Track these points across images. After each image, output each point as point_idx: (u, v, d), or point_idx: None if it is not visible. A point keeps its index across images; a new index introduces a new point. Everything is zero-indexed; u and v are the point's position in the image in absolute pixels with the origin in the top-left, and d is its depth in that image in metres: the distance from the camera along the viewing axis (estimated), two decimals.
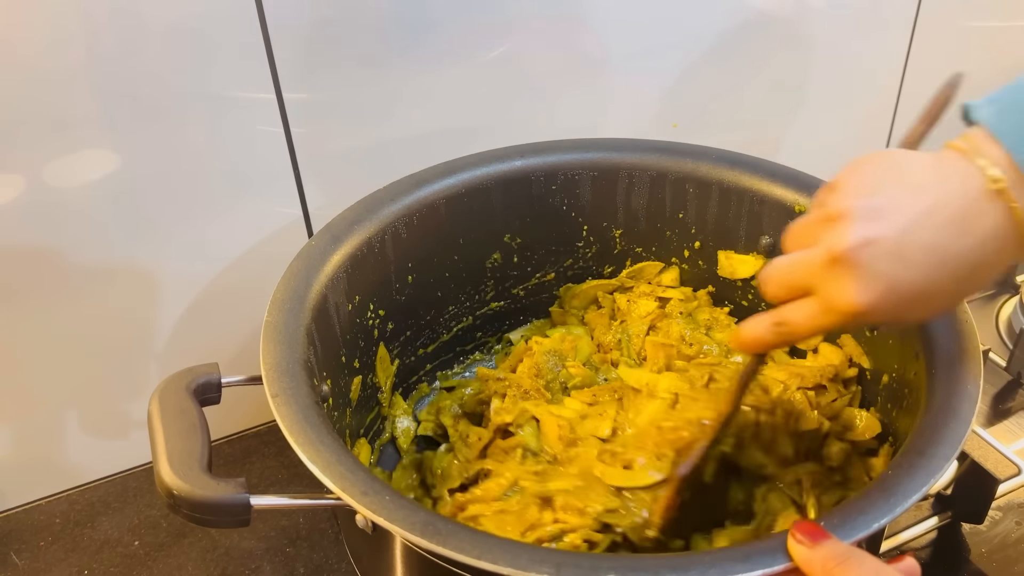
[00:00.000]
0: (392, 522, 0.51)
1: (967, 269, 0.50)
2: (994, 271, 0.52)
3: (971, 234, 0.50)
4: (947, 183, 0.50)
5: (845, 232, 0.49)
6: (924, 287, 0.50)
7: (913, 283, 0.50)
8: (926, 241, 0.49)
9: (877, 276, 0.49)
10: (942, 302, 0.52)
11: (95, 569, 0.82)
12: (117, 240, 0.81)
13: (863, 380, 0.78)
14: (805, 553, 0.48)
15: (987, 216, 0.49)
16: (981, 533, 0.81)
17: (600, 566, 0.48)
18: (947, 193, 0.50)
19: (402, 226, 0.79)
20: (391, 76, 0.85)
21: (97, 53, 0.72)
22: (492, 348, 0.94)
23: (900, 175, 0.51)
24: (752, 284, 0.86)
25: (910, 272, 0.49)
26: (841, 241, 0.49)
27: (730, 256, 0.86)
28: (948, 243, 0.49)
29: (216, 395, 0.65)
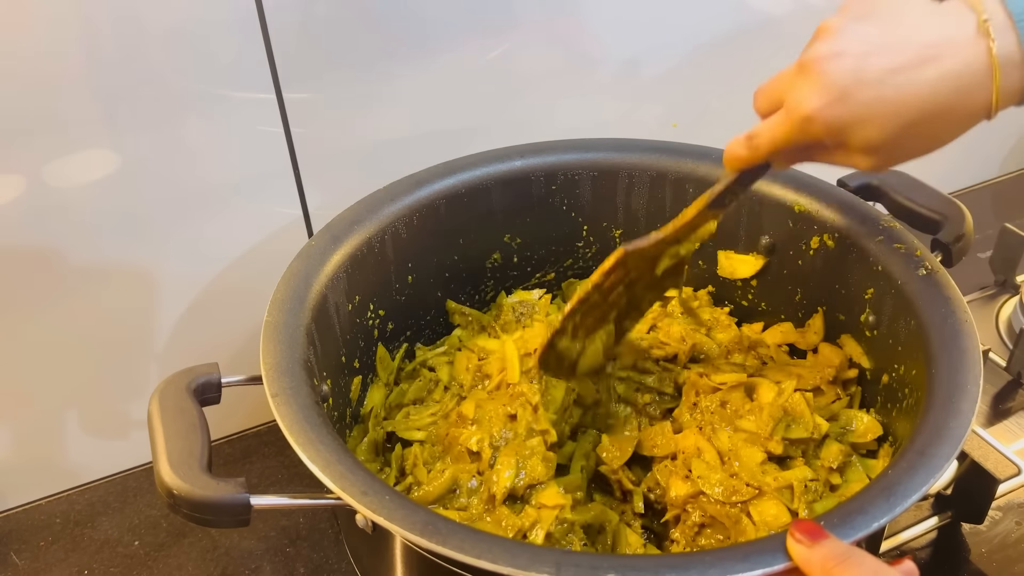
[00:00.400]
0: (392, 522, 0.51)
1: (923, 101, 0.51)
2: (955, 117, 0.53)
3: (936, 66, 0.51)
4: (932, 16, 0.52)
5: (818, 45, 0.53)
6: (875, 107, 0.52)
7: (866, 98, 0.51)
8: (888, 63, 0.51)
9: (832, 84, 0.52)
10: (892, 134, 0.53)
11: (95, 569, 0.82)
12: (117, 240, 0.81)
13: (863, 381, 0.78)
14: (804, 552, 0.48)
15: (959, 52, 0.51)
16: (981, 533, 0.81)
17: (600, 565, 0.48)
18: (928, 22, 0.51)
19: (402, 226, 0.79)
20: (391, 76, 0.85)
21: (97, 54, 0.72)
22: None
23: (893, 9, 0.53)
24: (752, 284, 0.86)
25: (865, 88, 0.51)
26: (811, 51, 0.53)
27: (730, 256, 0.86)
28: (910, 70, 0.51)
29: (216, 395, 0.65)
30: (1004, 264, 1.10)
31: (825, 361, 0.79)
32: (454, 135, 0.91)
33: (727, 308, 0.88)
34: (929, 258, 0.71)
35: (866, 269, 0.74)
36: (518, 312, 0.87)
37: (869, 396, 0.77)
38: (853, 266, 0.76)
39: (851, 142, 0.54)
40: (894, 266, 0.72)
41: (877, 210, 0.77)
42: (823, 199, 0.78)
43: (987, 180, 1.36)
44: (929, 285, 0.69)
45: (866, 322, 0.75)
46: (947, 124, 0.53)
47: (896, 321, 0.71)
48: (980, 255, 1.13)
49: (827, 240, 0.77)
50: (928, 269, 0.69)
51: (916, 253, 0.71)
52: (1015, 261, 1.09)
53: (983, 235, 1.13)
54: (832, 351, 0.79)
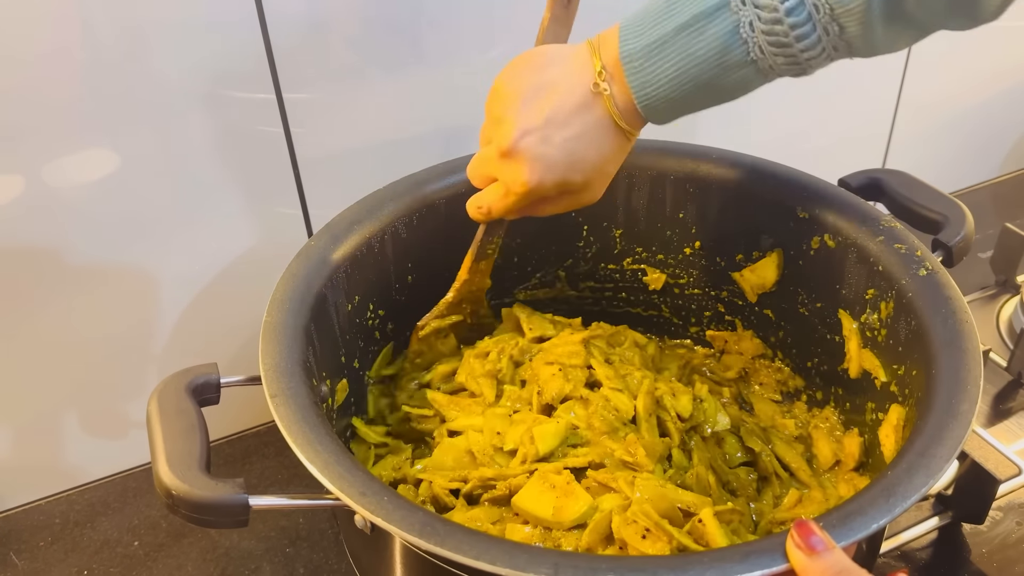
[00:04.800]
0: (390, 522, 0.51)
1: (596, 145, 0.63)
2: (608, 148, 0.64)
3: (588, 117, 0.62)
4: (572, 77, 0.62)
5: (507, 131, 0.63)
6: (571, 160, 0.63)
7: (560, 159, 0.63)
8: (561, 124, 0.62)
9: (535, 159, 0.63)
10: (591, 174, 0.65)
11: (95, 569, 0.82)
12: (117, 240, 0.81)
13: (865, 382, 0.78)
14: (803, 561, 0.48)
15: (596, 104, 0.62)
16: (981, 533, 0.81)
17: (598, 567, 0.48)
18: (571, 86, 0.62)
19: (402, 226, 0.79)
20: (391, 76, 0.85)
21: (97, 54, 0.72)
22: None
23: (541, 75, 0.63)
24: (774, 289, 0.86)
25: (557, 151, 0.62)
26: (505, 139, 0.63)
27: (754, 270, 0.85)
28: (577, 125, 0.62)
29: (215, 395, 0.65)
30: (1004, 264, 1.10)
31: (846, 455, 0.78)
32: (454, 135, 0.91)
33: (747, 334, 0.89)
34: (930, 258, 0.70)
35: (867, 269, 0.74)
36: None
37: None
38: (853, 266, 0.76)
39: (571, 188, 0.65)
40: (895, 266, 0.71)
41: (878, 210, 0.76)
42: (823, 199, 0.78)
43: (987, 180, 1.36)
44: (930, 285, 0.68)
45: (867, 323, 0.75)
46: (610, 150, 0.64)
47: (897, 322, 0.71)
48: (980, 255, 1.13)
49: (828, 240, 0.77)
50: (929, 269, 0.69)
51: (917, 253, 0.71)
52: (1015, 261, 1.09)
53: (983, 235, 1.13)
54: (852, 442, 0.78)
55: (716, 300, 0.90)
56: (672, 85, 0.60)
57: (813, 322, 0.82)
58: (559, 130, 0.62)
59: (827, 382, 0.82)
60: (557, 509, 0.63)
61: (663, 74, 0.60)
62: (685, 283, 0.91)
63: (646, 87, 0.60)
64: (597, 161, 0.64)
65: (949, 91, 1.20)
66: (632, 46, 0.60)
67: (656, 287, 0.91)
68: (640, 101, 0.61)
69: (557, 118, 0.62)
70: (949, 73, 1.17)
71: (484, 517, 0.67)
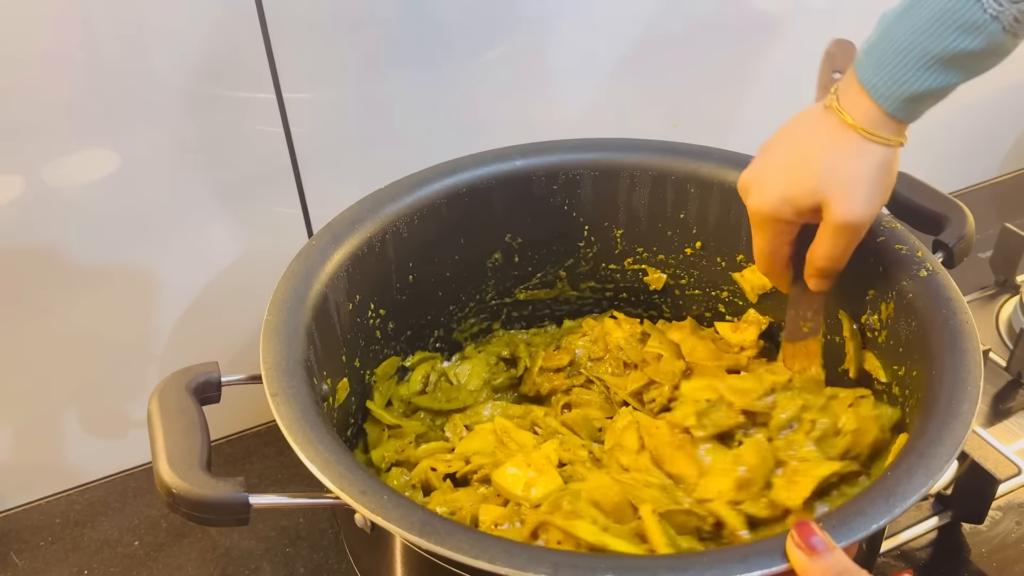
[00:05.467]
0: (390, 521, 0.51)
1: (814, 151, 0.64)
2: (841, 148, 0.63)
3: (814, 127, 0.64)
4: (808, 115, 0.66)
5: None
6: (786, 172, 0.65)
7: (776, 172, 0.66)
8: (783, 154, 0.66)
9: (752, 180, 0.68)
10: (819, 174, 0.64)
11: (95, 569, 0.82)
12: (117, 240, 0.81)
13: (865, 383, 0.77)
14: (804, 561, 0.48)
15: (827, 115, 0.63)
16: (981, 533, 0.81)
17: (598, 566, 0.48)
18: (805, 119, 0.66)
19: (403, 225, 0.79)
20: (391, 76, 0.85)
21: (97, 53, 0.72)
22: None
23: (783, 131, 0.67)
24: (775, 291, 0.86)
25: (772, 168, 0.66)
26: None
27: (753, 270, 0.85)
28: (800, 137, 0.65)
29: (216, 394, 0.65)
30: (1004, 264, 1.10)
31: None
32: (454, 135, 0.91)
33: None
34: (930, 259, 0.70)
35: (867, 270, 0.74)
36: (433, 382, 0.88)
37: None
38: (854, 267, 0.75)
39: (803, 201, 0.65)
40: (895, 267, 0.71)
41: None
42: None
43: (987, 180, 1.36)
44: (930, 286, 0.68)
45: (867, 323, 0.75)
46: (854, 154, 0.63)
47: (897, 322, 0.71)
48: (980, 255, 1.13)
49: None
50: (929, 270, 0.69)
51: (917, 254, 0.71)
52: (1015, 261, 1.09)
53: (983, 235, 1.12)
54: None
55: (717, 300, 0.90)
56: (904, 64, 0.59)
57: None
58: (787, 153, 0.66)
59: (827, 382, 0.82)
60: (527, 485, 0.67)
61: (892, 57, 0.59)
62: (686, 283, 0.91)
63: (874, 76, 0.60)
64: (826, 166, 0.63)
65: None
66: (860, 53, 0.62)
67: (657, 287, 0.91)
68: (874, 91, 0.60)
69: (784, 148, 0.66)
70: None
71: (464, 498, 0.69)
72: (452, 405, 0.85)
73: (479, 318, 0.91)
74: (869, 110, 0.61)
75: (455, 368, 0.89)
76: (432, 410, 0.85)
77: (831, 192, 0.63)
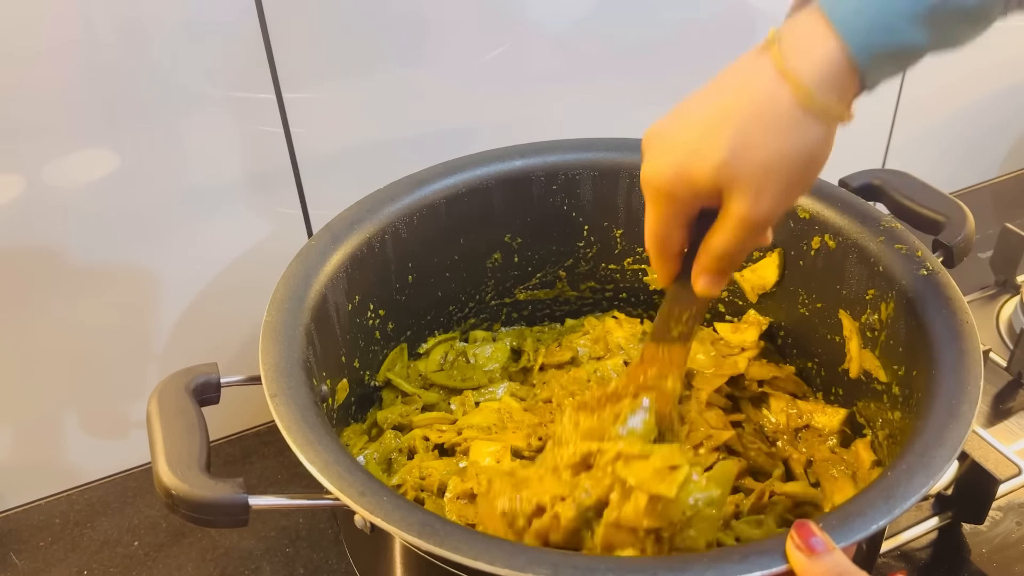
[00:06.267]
0: (389, 522, 0.51)
1: (735, 115, 0.50)
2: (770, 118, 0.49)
3: (736, 85, 0.51)
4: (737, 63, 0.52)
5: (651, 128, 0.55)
6: (696, 137, 0.51)
7: (684, 138, 0.52)
8: (699, 105, 0.52)
9: (651, 146, 0.54)
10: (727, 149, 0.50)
11: (95, 569, 0.82)
12: (117, 240, 0.81)
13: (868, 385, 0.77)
14: (803, 562, 0.48)
15: (754, 67, 0.50)
16: (981, 533, 0.81)
17: (597, 567, 0.48)
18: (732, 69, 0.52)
19: (402, 226, 0.79)
20: (391, 76, 0.85)
21: (97, 53, 0.72)
22: None
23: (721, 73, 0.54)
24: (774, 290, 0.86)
25: (682, 130, 0.52)
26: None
27: (754, 270, 0.85)
28: (715, 99, 0.52)
29: (215, 395, 0.65)
30: (1004, 264, 1.10)
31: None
32: (454, 135, 0.91)
33: None
34: (930, 259, 0.70)
35: (867, 270, 0.74)
36: (450, 360, 0.89)
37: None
38: (854, 267, 0.75)
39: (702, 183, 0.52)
40: (895, 267, 0.71)
41: (878, 210, 0.76)
42: (824, 199, 0.78)
43: (987, 180, 1.36)
44: (930, 286, 0.68)
45: (867, 323, 0.75)
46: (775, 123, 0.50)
47: (897, 322, 0.71)
48: (980, 255, 1.13)
49: (828, 240, 0.77)
50: (929, 270, 0.69)
51: (917, 254, 0.71)
52: (1015, 261, 1.09)
53: (983, 235, 1.13)
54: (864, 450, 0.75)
55: (716, 300, 0.90)
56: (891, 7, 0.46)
57: (813, 322, 0.82)
58: (696, 107, 0.52)
59: (827, 383, 0.82)
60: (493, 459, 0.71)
61: None
62: None
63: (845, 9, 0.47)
64: (736, 141, 0.50)
65: (949, 91, 1.20)
66: None
67: (657, 287, 0.91)
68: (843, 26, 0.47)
69: (698, 97, 0.53)
70: (949, 73, 1.17)
71: (440, 466, 0.72)
72: (466, 384, 0.86)
73: (479, 318, 0.91)
74: (825, 52, 0.48)
75: (475, 348, 0.90)
76: (447, 387, 0.86)
77: (737, 177, 0.50)
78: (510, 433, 0.76)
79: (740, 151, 0.49)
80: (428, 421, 0.80)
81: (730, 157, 0.49)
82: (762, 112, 0.49)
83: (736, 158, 0.49)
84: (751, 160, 0.49)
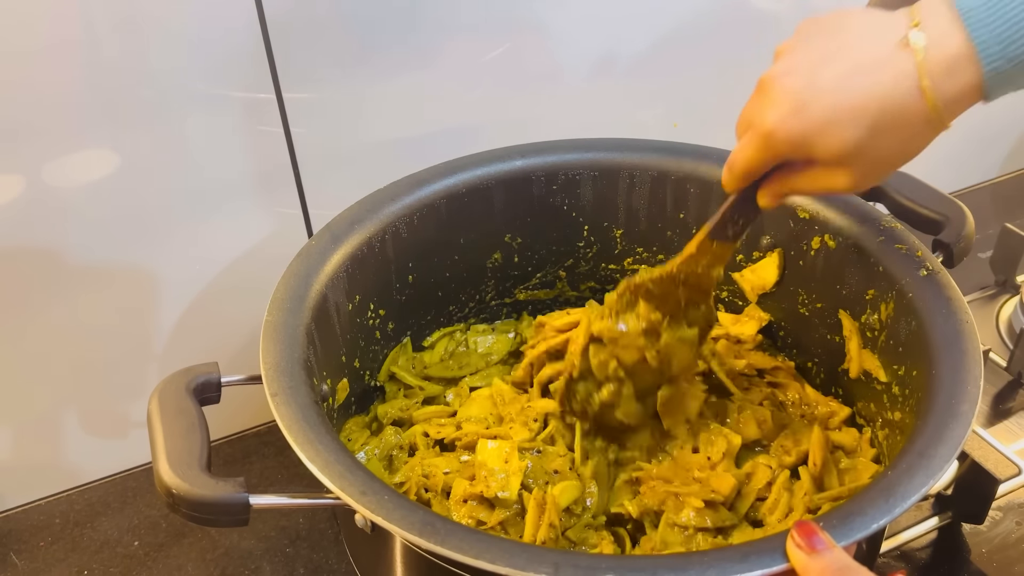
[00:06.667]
0: (390, 522, 0.51)
1: (873, 106, 0.52)
2: (908, 124, 0.52)
3: (878, 76, 0.51)
4: (873, 32, 0.53)
5: (773, 66, 0.55)
6: (830, 115, 0.52)
7: (821, 107, 0.52)
8: (835, 72, 0.52)
9: (787, 97, 0.53)
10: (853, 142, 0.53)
11: (95, 569, 0.82)
12: (117, 240, 0.81)
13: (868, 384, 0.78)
14: (803, 560, 0.48)
15: (898, 60, 0.51)
16: (981, 533, 0.81)
17: (598, 566, 0.48)
18: (869, 41, 0.52)
19: (402, 226, 0.79)
20: (391, 76, 0.85)
21: (97, 53, 0.72)
22: None
23: (840, 26, 0.54)
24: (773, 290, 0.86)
25: (818, 98, 0.52)
26: (767, 72, 0.55)
27: (754, 270, 0.85)
28: (855, 76, 0.52)
29: (216, 394, 0.65)
30: (1004, 264, 1.10)
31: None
32: (454, 135, 0.91)
33: None
34: (930, 259, 0.70)
35: (867, 270, 0.74)
36: (449, 351, 0.89)
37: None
38: (854, 267, 0.76)
39: (818, 155, 0.54)
40: (895, 267, 0.71)
41: (878, 210, 0.76)
42: (824, 199, 0.78)
43: (987, 180, 1.36)
44: (930, 286, 0.68)
45: (867, 323, 0.75)
46: (903, 131, 0.53)
47: (897, 322, 0.71)
48: (980, 255, 1.13)
49: (828, 240, 0.77)
50: (929, 270, 0.69)
51: (917, 254, 0.71)
52: (1015, 261, 1.09)
53: (983, 235, 1.12)
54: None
55: (716, 300, 0.90)
56: None
57: (813, 322, 0.82)
58: (831, 73, 0.52)
59: (827, 382, 0.82)
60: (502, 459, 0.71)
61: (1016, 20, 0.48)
62: None
63: (993, 44, 0.48)
64: (868, 134, 0.52)
65: None
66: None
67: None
68: (989, 62, 0.49)
69: (833, 61, 0.52)
70: None
71: (443, 463, 0.72)
72: (464, 372, 0.87)
73: (479, 318, 0.91)
74: (966, 81, 0.50)
75: (475, 337, 0.91)
76: (444, 379, 0.86)
77: (855, 163, 0.54)
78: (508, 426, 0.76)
79: (866, 146, 0.53)
80: (427, 415, 0.81)
81: (855, 149, 0.53)
82: (895, 118, 0.52)
83: (860, 149, 0.53)
84: (871, 155, 0.53)
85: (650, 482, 0.71)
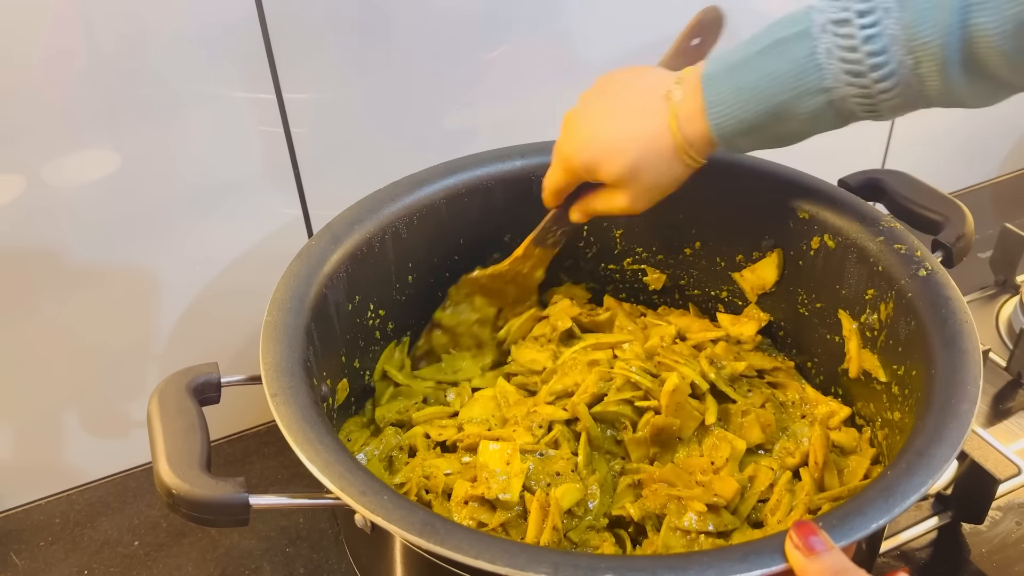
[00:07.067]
0: (390, 522, 0.51)
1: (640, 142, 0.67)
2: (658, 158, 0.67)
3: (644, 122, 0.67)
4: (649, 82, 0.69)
5: (575, 108, 0.72)
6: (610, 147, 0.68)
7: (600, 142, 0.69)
8: (616, 112, 0.69)
9: (579, 133, 0.70)
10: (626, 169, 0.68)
11: (95, 569, 0.82)
12: (117, 240, 0.81)
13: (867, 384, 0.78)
14: (802, 561, 0.48)
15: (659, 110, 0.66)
16: (981, 533, 0.81)
17: (598, 566, 0.48)
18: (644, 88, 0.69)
19: (402, 226, 0.79)
20: (391, 76, 0.85)
21: (97, 54, 0.72)
22: None
23: (626, 82, 0.70)
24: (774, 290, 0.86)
25: (603, 133, 0.68)
26: (569, 111, 0.73)
27: (753, 270, 0.85)
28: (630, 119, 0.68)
29: (216, 394, 0.65)
30: (1004, 264, 1.10)
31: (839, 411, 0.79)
32: (454, 135, 0.91)
33: None
34: (929, 258, 0.70)
35: (866, 269, 0.74)
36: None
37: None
38: (853, 266, 0.76)
39: (604, 178, 0.70)
40: (894, 266, 0.71)
41: (878, 210, 0.76)
42: (823, 199, 0.78)
43: (987, 180, 1.36)
44: (929, 286, 0.68)
45: (867, 323, 0.75)
46: (661, 162, 0.67)
47: (896, 322, 0.71)
48: (980, 255, 1.13)
49: (828, 240, 0.77)
50: (928, 270, 0.69)
51: (916, 253, 0.71)
52: (1015, 261, 1.09)
53: (983, 235, 1.13)
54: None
55: (716, 300, 0.90)
56: (745, 104, 0.62)
57: (813, 322, 0.82)
58: (612, 117, 0.68)
59: (827, 382, 0.82)
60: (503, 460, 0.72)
61: (738, 93, 0.62)
62: (685, 284, 0.91)
63: (718, 104, 0.63)
64: (635, 162, 0.67)
65: None
66: (713, 68, 0.64)
67: (656, 287, 0.91)
68: (713, 118, 0.63)
69: (615, 107, 0.69)
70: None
71: (444, 464, 0.72)
72: (458, 377, 0.86)
73: None
74: (700, 130, 0.65)
75: None
76: (435, 380, 0.86)
77: (628, 184, 0.69)
78: (511, 428, 0.76)
79: (635, 169, 0.68)
80: (427, 417, 0.80)
81: (627, 172, 0.68)
82: (656, 150, 0.67)
83: (631, 173, 0.68)
84: (640, 177, 0.68)
85: (652, 485, 0.70)
